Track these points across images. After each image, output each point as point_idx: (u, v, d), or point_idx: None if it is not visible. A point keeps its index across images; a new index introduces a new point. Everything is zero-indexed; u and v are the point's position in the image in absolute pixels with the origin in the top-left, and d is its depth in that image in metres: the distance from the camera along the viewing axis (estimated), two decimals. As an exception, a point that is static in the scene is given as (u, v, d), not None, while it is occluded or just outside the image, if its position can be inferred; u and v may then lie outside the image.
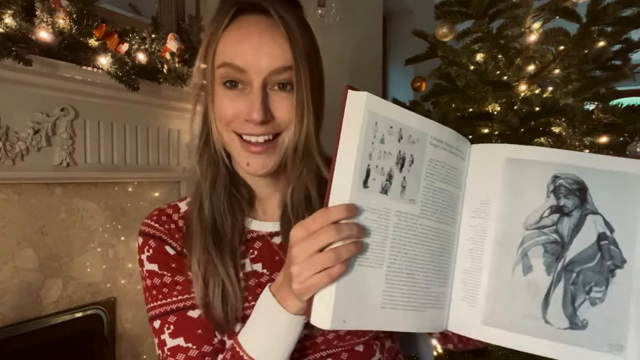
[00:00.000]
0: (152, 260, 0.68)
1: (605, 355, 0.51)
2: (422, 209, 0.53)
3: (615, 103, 1.43)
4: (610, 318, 0.51)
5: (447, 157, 0.55)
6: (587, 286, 0.52)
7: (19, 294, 1.28)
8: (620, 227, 0.52)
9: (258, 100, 0.61)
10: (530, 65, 1.57)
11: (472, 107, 1.67)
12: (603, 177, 0.53)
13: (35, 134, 1.24)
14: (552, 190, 0.53)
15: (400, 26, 3.90)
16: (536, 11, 1.60)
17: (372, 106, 0.50)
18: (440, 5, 1.65)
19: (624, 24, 1.41)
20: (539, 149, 0.56)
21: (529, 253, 0.54)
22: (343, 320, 0.48)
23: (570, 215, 0.53)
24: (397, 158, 0.51)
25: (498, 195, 0.55)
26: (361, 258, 0.49)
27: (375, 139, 0.49)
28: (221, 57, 0.63)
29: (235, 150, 0.65)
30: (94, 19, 1.27)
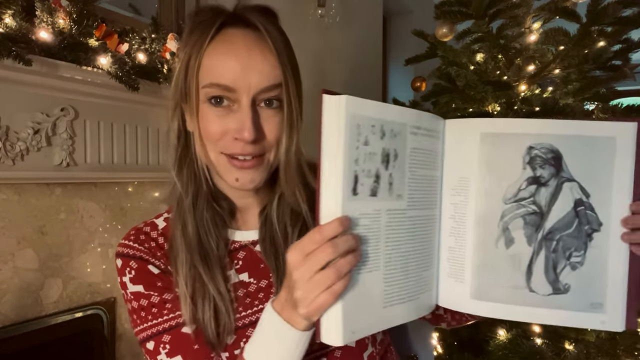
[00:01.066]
0: (136, 281, 0.66)
1: (587, 315, 0.53)
2: (408, 202, 0.53)
3: (615, 103, 1.43)
4: (590, 279, 0.53)
5: (426, 142, 0.55)
6: (567, 252, 0.54)
7: (19, 294, 1.28)
8: (595, 192, 0.53)
9: (249, 119, 0.59)
10: (530, 65, 1.57)
11: (472, 107, 1.67)
12: (576, 143, 0.53)
13: (35, 134, 1.24)
14: (528, 161, 0.54)
15: (400, 26, 3.90)
16: (536, 11, 1.60)
17: (353, 108, 0.47)
18: (440, 5, 1.65)
19: (624, 24, 1.41)
20: (512, 120, 0.56)
21: (510, 226, 0.55)
22: (352, 332, 0.48)
23: (547, 185, 0.54)
24: (382, 156, 0.50)
25: (475, 171, 0.56)
26: (359, 265, 0.48)
27: (359, 142, 0.47)
28: (208, 75, 0.60)
29: (223, 168, 0.63)
30: (94, 19, 1.27)
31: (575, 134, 0.53)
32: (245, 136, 0.59)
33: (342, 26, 2.71)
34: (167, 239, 0.68)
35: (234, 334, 0.64)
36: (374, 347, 0.70)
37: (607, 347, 1.31)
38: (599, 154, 0.53)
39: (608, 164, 0.53)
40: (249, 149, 0.61)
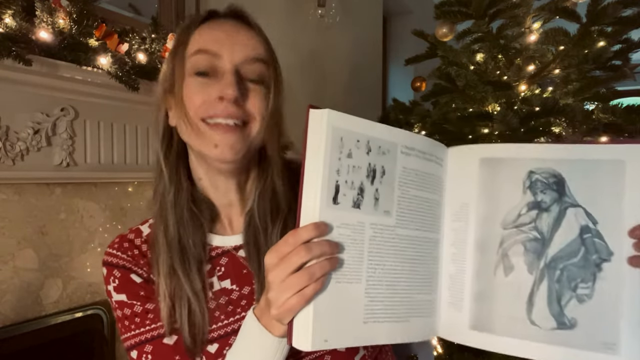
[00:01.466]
0: (120, 290, 0.66)
1: (598, 356, 0.48)
2: (397, 219, 0.52)
3: (615, 103, 1.43)
4: (601, 315, 0.49)
5: (421, 164, 0.55)
6: (573, 283, 0.50)
7: (19, 294, 1.28)
8: (604, 218, 0.50)
9: (233, 79, 0.60)
10: (530, 65, 1.57)
11: (472, 107, 1.67)
12: (580, 167, 0.51)
13: (35, 134, 1.24)
14: (529, 186, 0.52)
15: (400, 26, 3.90)
16: (536, 11, 1.60)
17: (335, 122, 0.49)
18: (440, 5, 1.65)
19: (624, 24, 1.41)
20: (512, 145, 0.54)
21: (509, 253, 0.52)
22: (324, 340, 0.47)
23: (549, 211, 0.51)
24: (368, 171, 0.50)
25: (475, 197, 0.55)
26: (338, 274, 0.48)
27: (342, 154, 0.49)
28: (194, 45, 0.62)
29: (202, 136, 0.62)
30: (94, 19, 1.27)
31: (579, 158, 0.51)
32: (229, 92, 0.59)
33: (342, 26, 2.71)
34: (151, 243, 0.68)
35: (215, 342, 0.64)
36: (366, 350, 0.70)
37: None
38: (607, 179, 0.50)
39: (617, 189, 0.49)
40: (230, 109, 0.60)
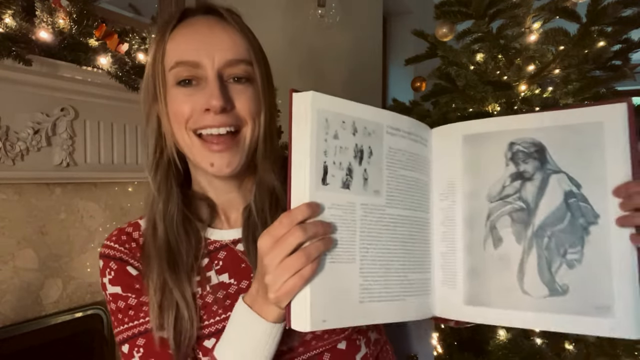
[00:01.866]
0: (115, 282, 0.65)
1: (593, 320, 0.48)
2: (388, 199, 0.53)
3: (615, 103, 1.43)
4: (593, 278, 0.48)
5: (407, 144, 0.55)
6: (562, 249, 0.49)
7: (19, 294, 1.28)
8: (587, 182, 0.49)
9: (216, 87, 0.59)
10: (530, 65, 1.58)
11: (472, 107, 1.67)
12: (559, 133, 0.51)
13: (35, 134, 1.24)
14: (510, 157, 0.53)
15: (400, 26, 3.90)
16: (536, 11, 1.60)
17: (320, 104, 0.49)
18: (440, 5, 1.65)
19: (624, 24, 1.41)
20: (491, 119, 0.55)
21: (497, 225, 0.53)
22: (323, 320, 0.48)
23: (532, 180, 0.52)
24: (355, 151, 0.51)
25: (460, 174, 0.55)
26: (332, 255, 0.49)
27: (327, 136, 0.49)
28: (172, 57, 0.61)
29: (197, 152, 0.62)
30: (94, 19, 1.27)
31: (557, 125, 0.51)
32: (214, 104, 0.58)
33: (342, 26, 2.71)
34: (143, 244, 0.68)
35: (212, 337, 0.63)
36: (368, 348, 0.70)
37: (607, 347, 1.31)
38: (586, 142, 0.50)
39: (598, 151, 0.49)
40: (219, 119, 0.59)
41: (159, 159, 0.68)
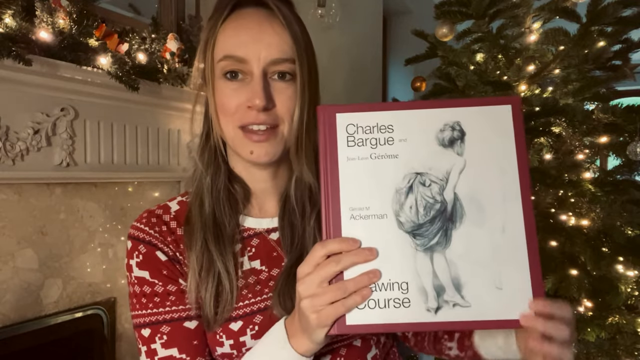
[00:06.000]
0: (142, 266, 0.66)
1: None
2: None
3: (615, 103, 1.43)
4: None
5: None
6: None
7: (19, 294, 1.28)
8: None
9: (260, 87, 0.61)
10: (530, 65, 1.58)
11: (472, 107, 1.66)
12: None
13: (35, 134, 1.24)
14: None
15: (400, 26, 3.90)
16: (536, 11, 1.60)
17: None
18: (440, 5, 1.65)
19: (624, 24, 1.41)
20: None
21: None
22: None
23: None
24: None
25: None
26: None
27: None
28: (221, 50, 0.64)
29: (238, 142, 0.65)
30: (94, 19, 1.27)
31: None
32: (257, 103, 0.61)
33: (342, 26, 2.71)
34: (179, 223, 0.69)
35: (239, 319, 0.64)
36: (378, 348, 0.70)
37: (607, 347, 1.31)
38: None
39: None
40: (261, 117, 0.62)
41: (206, 138, 0.71)
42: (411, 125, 0.50)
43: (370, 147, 0.50)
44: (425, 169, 0.49)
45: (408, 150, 0.50)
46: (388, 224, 0.49)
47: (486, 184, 0.50)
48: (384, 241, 0.48)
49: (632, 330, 1.34)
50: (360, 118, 0.50)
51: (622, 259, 1.35)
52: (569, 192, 1.46)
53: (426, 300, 0.48)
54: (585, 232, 1.38)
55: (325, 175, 0.50)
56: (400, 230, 0.49)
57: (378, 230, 0.48)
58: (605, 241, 1.37)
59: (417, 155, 0.50)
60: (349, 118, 0.50)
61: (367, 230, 0.49)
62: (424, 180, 0.49)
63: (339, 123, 0.50)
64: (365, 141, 0.50)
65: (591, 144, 1.49)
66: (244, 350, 0.63)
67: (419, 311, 0.48)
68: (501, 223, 0.49)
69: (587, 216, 1.40)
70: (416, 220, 0.49)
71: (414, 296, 0.48)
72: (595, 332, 1.34)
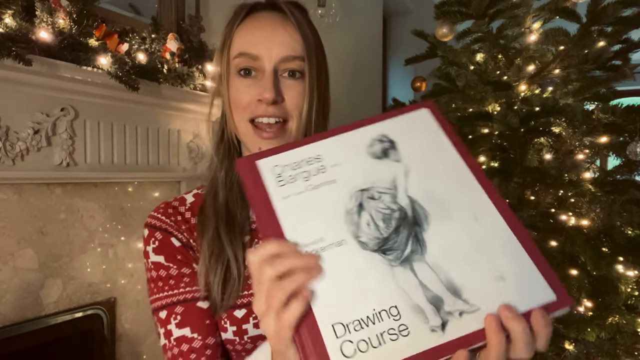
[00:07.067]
0: (158, 252, 0.69)
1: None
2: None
3: (615, 103, 1.43)
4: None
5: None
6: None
7: (19, 294, 1.28)
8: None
9: (270, 82, 0.65)
10: (530, 65, 1.58)
11: (472, 107, 1.67)
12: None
13: (35, 134, 1.24)
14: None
15: (400, 26, 3.90)
16: (536, 11, 1.60)
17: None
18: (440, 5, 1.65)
19: (624, 24, 1.41)
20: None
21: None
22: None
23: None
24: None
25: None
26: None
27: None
28: (237, 48, 0.68)
29: (249, 137, 0.69)
30: (94, 19, 1.27)
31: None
32: (267, 96, 0.64)
33: (342, 26, 2.71)
34: (194, 214, 0.73)
35: (243, 307, 0.67)
36: None
37: (607, 347, 1.31)
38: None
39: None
40: (270, 110, 0.66)
41: (221, 134, 0.75)
42: (338, 149, 0.47)
43: (304, 180, 0.45)
44: (369, 184, 0.45)
45: (345, 172, 0.46)
46: (349, 248, 0.42)
47: (436, 178, 0.46)
48: (353, 268, 0.41)
49: (632, 330, 1.34)
50: (283, 158, 0.47)
51: (622, 259, 1.35)
52: (569, 192, 1.46)
53: (426, 319, 0.39)
54: (585, 232, 1.38)
55: (262, 222, 0.43)
56: (366, 251, 0.42)
57: (340, 258, 0.41)
58: (605, 241, 1.37)
59: (356, 173, 0.46)
60: (271, 161, 0.46)
61: (329, 262, 0.41)
62: (372, 195, 0.45)
63: (262, 168, 0.46)
64: (296, 176, 0.45)
65: (591, 144, 1.49)
66: (245, 338, 0.65)
67: (422, 335, 0.38)
68: (470, 211, 0.45)
69: (587, 216, 1.40)
70: (379, 235, 0.43)
71: (409, 319, 0.39)
72: (595, 332, 1.34)
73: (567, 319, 1.38)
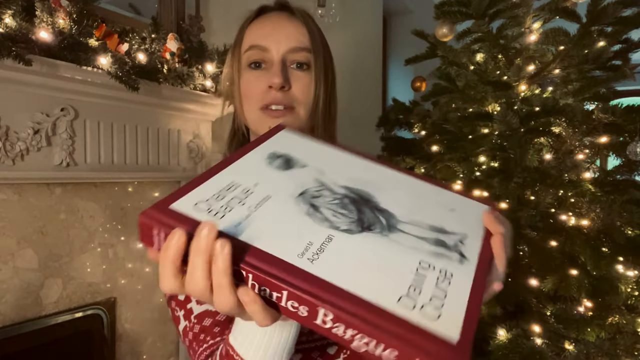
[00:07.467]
0: None
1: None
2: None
3: (615, 103, 1.43)
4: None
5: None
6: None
7: (19, 294, 1.28)
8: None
9: (279, 69, 0.69)
10: (530, 65, 1.58)
11: (472, 107, 1.67)
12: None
13: (35, 134, 1.24)
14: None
15: (400, 26, 3.90)
16: (536, 11, 1.60)
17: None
18: (440, 5, 1.65)
19: (624, 24, 1.42)
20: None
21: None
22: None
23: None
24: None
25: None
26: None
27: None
28: (247, 42, 0.72)
29: (259, 123, 0.71)
30: (94, 19, 1.27)
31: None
32: (275, 81, 0.67)
33: (342, 26, 2.71)
34: None
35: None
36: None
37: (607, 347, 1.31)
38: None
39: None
40: (279, 97, 0.69)
41: (234, 132, 0.79)
42: (247, 172, 0.45)
43: (241, 205, 0.41)
44: (302, 188, 0.44)
45: (272, 186, 0.44)
46: (342, 239, 0.40)
47: (347, 168, 0.49)
48: (364, 253, 0.39)
49: (632, 330, 1.34)
50: (199, 194, 0.41)
51: (622, 259, 1.35)
52: (569, 192, 1.46)
53: (449, 258, 0.40)
54: (585, 232, 1.38)
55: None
56: (355, 235, 0.41)
57: (344, 250, 0.39)
58: (605, 241, 1.37)
59: (283, 184, 0.44)
60: (189, 199, 0.40)
61: (331, 261, 0.38)
62: (312, 194, 0.44)
63: (183, 209, 0.39)
64: (229, 204, 0.41)
65: (591, 144, 1.49)
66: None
67: (461, 271, 0.39)
68: (391, 182, 0.49)
69: (587, 216, 1.40)
70: (352, 218, 0.42)
71: (442, 264, 0.39)
72: (595, 332, 1.34)
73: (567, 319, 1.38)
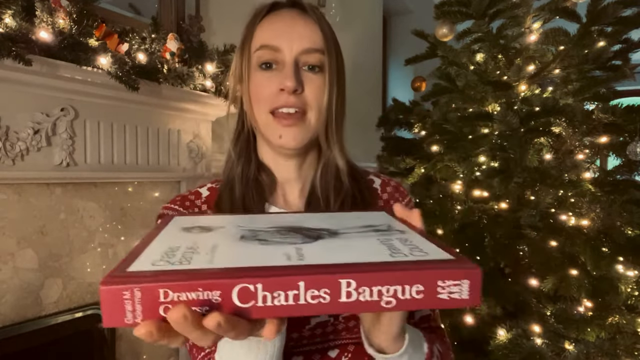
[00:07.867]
0: None
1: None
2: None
3: (615, 103, 1.43)
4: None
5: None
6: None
7: (19, 294, 1.28)
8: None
9: (291, 71, 0.66)
10: (530, 65, 1.58)
11: (472, 107, 1.67)
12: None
13: (35, 134, 1.24)
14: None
15: (400, 26, 3.90)
16: (536, 11, 1.60)
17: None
18: (440, 5, 1.65)
19: (624, 24, 1.42)
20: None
21: None
22: None
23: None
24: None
25: None
26: None
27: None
28: (258, 41, 0.69)
29: (269, 127, 0.69)
30: (94, 19, 1.27)
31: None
32: (288, 84, 0.65)
33: (342, 26, 2.71)
34: (209, 206, 0.73)
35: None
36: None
37: (607, 347, 1.31)
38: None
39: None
40: (291, 100, 0.66)
41: (240, 131, 0.76)
42: (177, 239, 0.44)
43: (197, 255, 0.40)
44: (239, 235, 0.45)
45: (210, 241, 0.43)
46: (310, 245, 0.42)
47: (259, 219, 0.52)
48: (338, 245, 0.42)
49: (632, 330, 1.34)
50: (152, 253, 0.40)
51: (622, 259, 1.35)
52: (569, 192, 1.46)
53: (394, 233, 0.45)
54: (585, 232, 1.38)
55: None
56: (316, 241, 0.43)
57: (321, 248, 0.41)
58: (605, 241, 1.37)
59: (219, 238, 0.44)
60: (146, 258, 0.39)
61: (320, 253, 0.40)
62: (252, 235, 0.45)
63: (143, 267, 0.37)
64: (184, 256, 0.39)
65: (591, 144, 1.49)
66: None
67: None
68: (305, 214, 0.56)
69: (587, 216, 1.40)
70: (299, 236, 0.45)
71: (395, 235, 0.45)
72: (595, 332, 1.34)
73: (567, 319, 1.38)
